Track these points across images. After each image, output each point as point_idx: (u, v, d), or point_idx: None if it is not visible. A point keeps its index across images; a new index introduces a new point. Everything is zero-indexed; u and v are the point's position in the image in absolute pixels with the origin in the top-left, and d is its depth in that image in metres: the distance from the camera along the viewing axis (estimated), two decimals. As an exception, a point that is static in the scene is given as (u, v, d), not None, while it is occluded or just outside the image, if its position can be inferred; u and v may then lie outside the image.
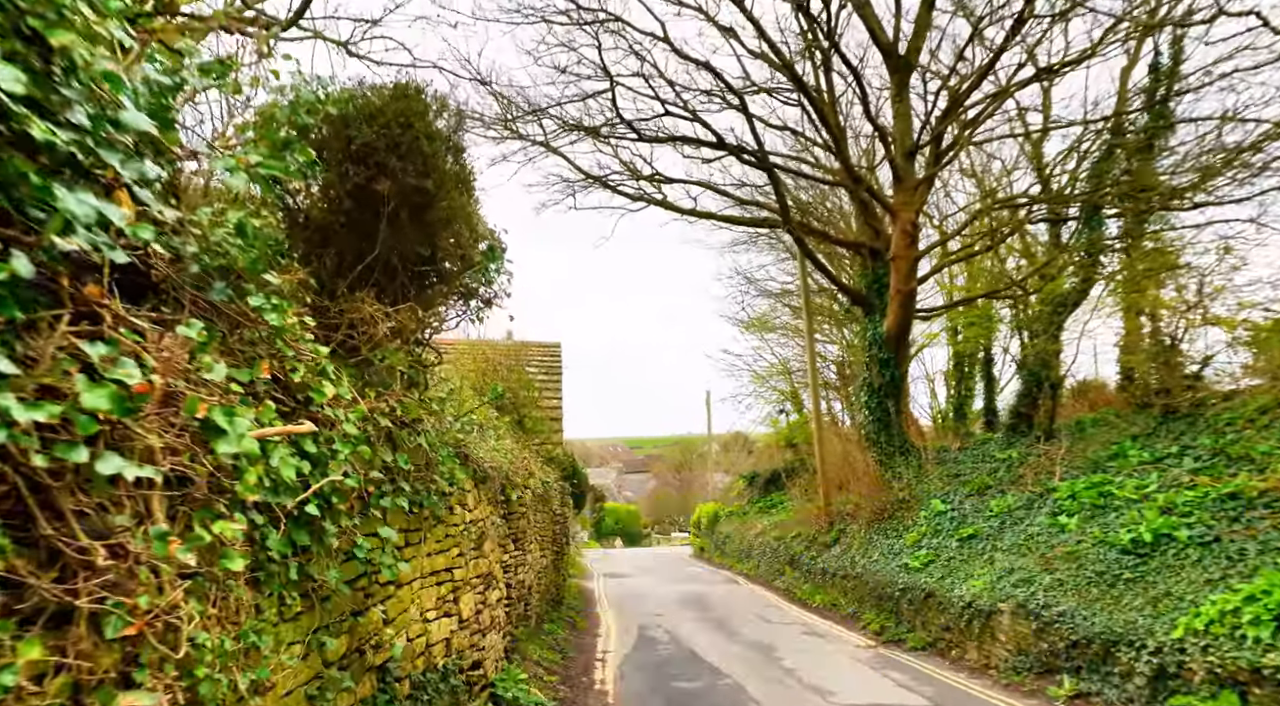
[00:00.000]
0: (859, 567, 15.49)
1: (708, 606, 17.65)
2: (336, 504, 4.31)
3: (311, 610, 4.30)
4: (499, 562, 8.60)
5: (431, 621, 6.05)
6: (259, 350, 3.62)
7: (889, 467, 16.58)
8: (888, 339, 16.61)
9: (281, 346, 3.83)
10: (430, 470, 5.89)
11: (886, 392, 16.78)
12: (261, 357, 3.61)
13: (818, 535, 19.41)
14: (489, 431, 10.45)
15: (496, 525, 8.64)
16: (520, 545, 10.14)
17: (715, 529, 34.38)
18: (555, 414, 18.45)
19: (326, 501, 4.23)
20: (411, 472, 5.62)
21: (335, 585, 4.45)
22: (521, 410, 15.49)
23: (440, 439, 6.11)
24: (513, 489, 9.70)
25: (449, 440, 6.44)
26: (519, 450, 11.22)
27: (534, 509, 11.83)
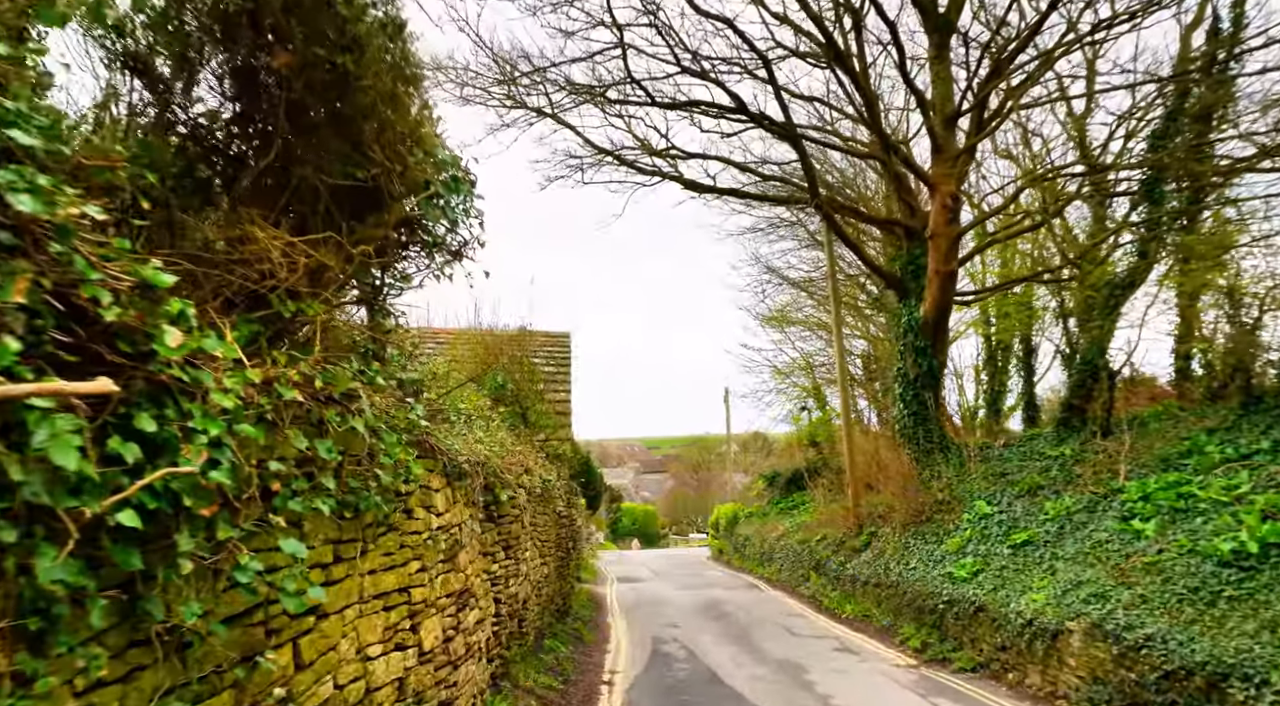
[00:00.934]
0: (894, 575, 13.97)
1: (728, 616, 16.18)
2: (193, 507, 2.92)
3: (157, 664, 2.91)
4: (482, 575, 7.20)
5: (375, 658, 4.65)
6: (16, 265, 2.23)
7: (926, 466, 15.03)
8: (925, 325, 15.07)
9: (76, 262, 2.44)
10: (373, 463, 4.49)
11: (923, 384, 15.24)
12: (21, 272, 2.23)
13: (846, 538, 17.89)
14: (477, 421, 9.07)
15: (478, 531, 7.24)
16: (513, 553, 8.74)
17: (734, 530, 32.87)
18: (563, 408, 17.05)
19: (175, 504, 2.85)
20: (342, 465, 4.24)
21: (201, 625, 3.08)
22: (525, 402, 14.11)
23: (387, 422, 4.71)
24: (502, 488, 8.30)
25: (403, 425, 5.04)
26: (515, 444, 9.83)
27: (532, 510, 10.43)
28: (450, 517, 6.17)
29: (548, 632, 11.61)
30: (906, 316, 15.32)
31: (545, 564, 11.42)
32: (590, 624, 14.46)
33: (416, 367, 7.42)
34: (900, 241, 15.67)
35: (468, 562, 6.53)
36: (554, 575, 12.52)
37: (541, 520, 11.11)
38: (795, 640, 13.30)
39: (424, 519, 5.57)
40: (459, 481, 6.47)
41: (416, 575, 5.32)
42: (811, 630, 14.38)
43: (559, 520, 13.22)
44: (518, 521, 8.83)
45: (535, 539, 10.72)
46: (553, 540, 12.28)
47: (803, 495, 30.53)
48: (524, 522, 9.05)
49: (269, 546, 3.59)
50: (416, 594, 5.28)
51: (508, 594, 8.50)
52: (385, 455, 4.50)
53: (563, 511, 13.38)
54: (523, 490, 9.17)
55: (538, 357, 17.86)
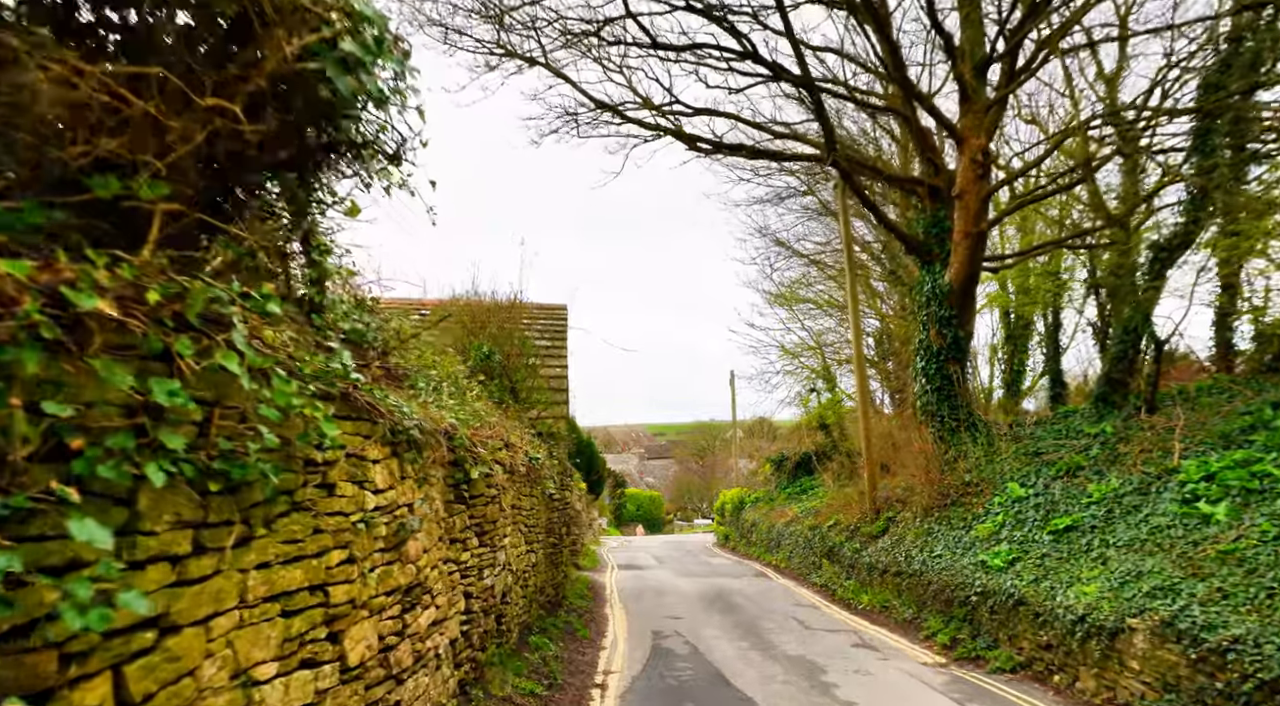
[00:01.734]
0: (916, 564, 12.73)
1: (734, 607, 14.99)
2: None
3: None
4: (443, 567, 5.98)
5: (268, 681, 3.43)
6: None
7: (951, 446, 13.76)
8: (950, 292, 13.75)
9: None
10: (255, 415, 3.25)
11: (948, 356, 13.95)
12: None
13: (860, 524, 16.67)
14: (448, 389, 7.83)
15: (441, 514, 6.02)
16: (489, 539, 7.52)
17: (740, 516, 31.71)
18: (559, 384, 15.81)
19: None
20: (210, 420, 3.00)
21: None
22: (514, 375, 12.87)
23: (285, 366, 3.46)
24: (475, 464, 7.07)
25: (313, 372, 3.79)
26: (492, 414, 8.59)
27: (515, 492, 9.21)
28: (395, 496, 4.93)
29: (535, 627, 10.41)
30: (930, 283, 14.01)
31: (533, 551, 10.21)
32: (586, 616, 13.27)
33: (372, 320, 6.22)
34: (923, 203, 14.34)
35: (420, 552, 5.30)
36: (544, 563, 11.32)
37: (528, 503, 9.89)
38: (809, 634, 12.10)
39: (354, 496, 4.34)
40: (410, 453, 5.23)
41: (339, 569, 4.09)
42: (826, 623, 13.17)
43: (550, 503, 12.01)
44: (494, 503, 7.60)
45: (520, 523, 9.51)
46: (542, 525, 11.07)
47: (811, 480, 29.34)
48: (503, 505, 7.83)
49: (55, 532, 2.37)
50: (338, 593, 4.05)
51: (481, 587, 7.28)
52: (271, 407, 3.25)
53: (554, 494, 12.18)
54: (500, 467, 7.94)
55: (531, 331, 16.63)
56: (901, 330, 24.57)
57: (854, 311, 16.04)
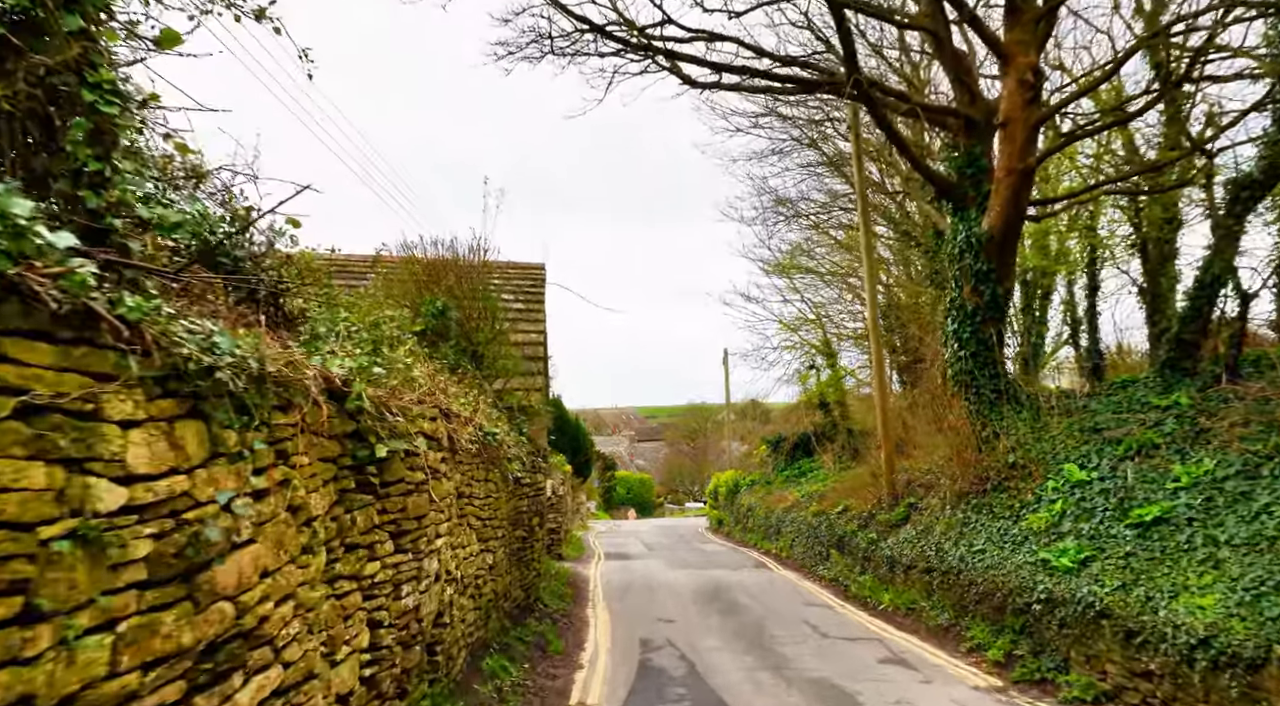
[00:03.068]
0: (952, 559, 10.69)
1: (735, 606, 12.93)
2: None
3: None
4: (304, 594, 3.80)
5: None
6: None
7: (989, 421, 11.67)
8: (989, 242, 11.61)
9: None
10: None
11: (985, 317, 11.83)
12: None
13: (876, 511, 14.63)
14: (362, 338, 5.66)
15: (313, 511, 3.87)
16: (412, 543, 5.37)
17: (735, 500, 29.74)
18: (535, 352, 13.65)
19: None
20: None
21: None
22: (475, 337, 10.70)
23: None
24: (389, 438, 4.93)
25: None
26: (440, 379, 6.41)
27: (465, 475, 7.07)
28: (183, 486, 2.78)
29: (495, 644, 8.29)
30: (963, 232, 11.87)
31: (489, 550, 8.07)
32: (562, 622, 11.17)
33: (195, 204, 4.09)
34: (956, 139, 12.18)
35: (250, 578, 3.15)
36: (506, 563, 9.19)
37: (482, 489, 7.74)
38: (827, 645, 10.05)
39: (45, 491, 2.19)
40: (224, 413, 3.07)
41: None
42: (844, 628, 11.13)
43: (517, 489, 9.87)
44: (419, 492, 5.45)
45: (470, 516, 7.37)
46: (504, 516, 8.92)
47: (810, 462, 27.37)
48: (435, 495, 5.68)
49: None
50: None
51: (398, 610, 5.15)
52: None
53: (523, 478, 10.05)
54: (432, 444, 5.79)
55: (504, 293, 14.46)
56: (911, 300, 22.47)
57: (868, 263, 13.92)
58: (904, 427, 17.51)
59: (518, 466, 9.30)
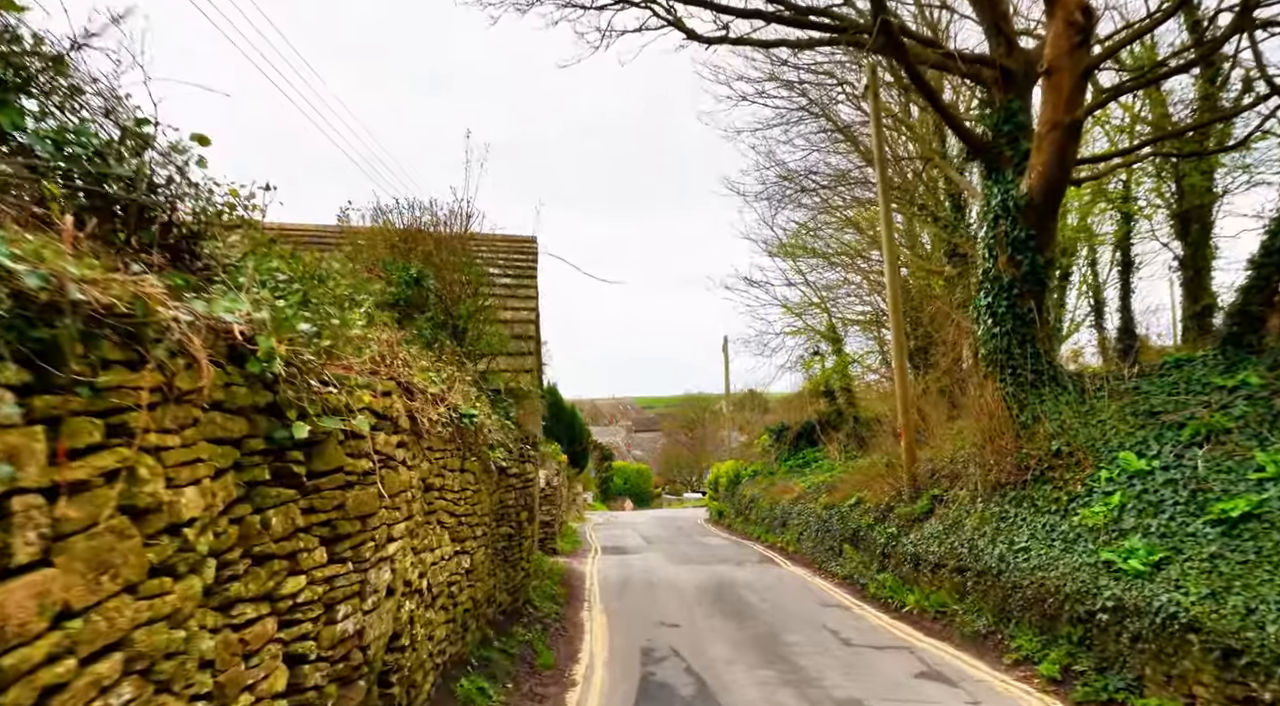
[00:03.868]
0: (989, 559, 9.51)
1: (744, 607, 11.75)
2: None
3: None
4: (146, 634, 2.58)
5: None
6: None
7: (1027, 404, 10.46)
8: (1028, 205, 10.38)
9: None
10: None
11: (1023, 289, 10.61)
12: None
13: (894, 504, 13.45)
14: (293, 289, 4.44)
15: (200, 509, 2.64)
16: (352, 549, 4.15)
17: (737, 491, 28.59)
18: (525, 330, 12.42)
19: None
20: None
21: None
22: (456, 310, 9.46)
23: None
24: (310, 416, 3.71)
25: None
26: (385, 339, 5.17)
27: (434, 465, 5.85)
28: None
29: (473, 660, 7.08)
30: (999, 196, 10.63)
31: (466, 552, 6.86)
32: (554, 628, 9.97)
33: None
34: (990, 92, 10.92)
35: (34, 620, 1.93)
36: (489, 565, 7.97)
37: (456, 481, 6.52)
38: (852, 655, 8.86)
39: None
40: None
41: None
42: (867, 633, 9.95)
43: (501, 481, 8.65)
44: (364, 485, 4.22)
45: (442, 512, 6.15)
46: (485, 510, 7.69)
47: (815, 451, 26.21)
48: (386, 488, 4.46)
49: None
50: None
51: (331, 638, 3.92)
52: None
53: (509, 467, 8.83)
54: (384, 424, 4.56)
55: (492, 267, 13.22)
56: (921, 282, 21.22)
57: (888, 234, 12.69)
58: (918, 415, 16.34)
59: (502, 454, 8.07)
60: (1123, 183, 14.47)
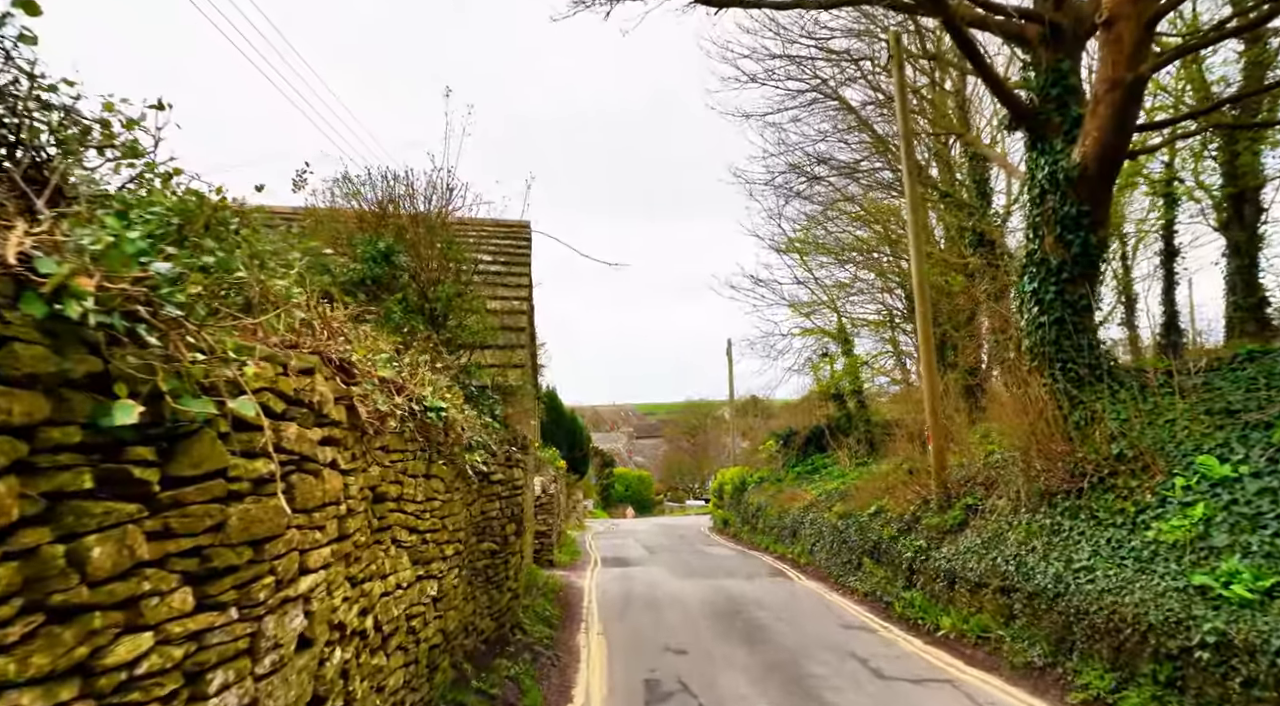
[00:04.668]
0: (1042, 578, 8.24)
1: (758, 630, 10.48)
2: None
3: None
4: None
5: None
6: None
7: (1079, 402, 9.22)
8: (1081, 177, 9.16)
9: None
10: None
11: (1073, 274, 9.38)
12: None
13: (921, 514, 12.20)
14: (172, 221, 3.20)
15: None
16: (232, 594, 2.90)
17: (743, 499, 27.31)
18: (516, 321, 11.19)
19: None
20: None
21: None
22: (433, 292, 8.23)
23: None
24: (188, 396, 2.47)
25: None
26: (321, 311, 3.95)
27: (388, 468, 4.60)
28: None
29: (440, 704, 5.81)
30: (1045, 168, 9.41)
31: (433, 577, 5.60)
32: (545, 657, 8.69)
33: None
34: (1035, 52, 9.70)
35: None
36: (465, 589, 6.71)
37: (419, 490, 5.27)
38: (886, 691, 7.59)
39: None
40: None
41: None
42: (901, 662, 8.68)
43: (483, 489, 7.40)
44: (261, 496, 2.99)
45: (399, 529, 4.90)
46: (458, 526, 6.42)
47: (824, 457, 24.95)
48: (299, 500, 3.23)
49: None
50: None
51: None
52: None
53: (492, 473, 7.58)
54: (309, 413, 3.33)
55: (481, 253, 12.02)
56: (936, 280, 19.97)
57: (914, 220, 11.46)
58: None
59: (483, 457, 6.83)
60: (1164, 164, 13.27)
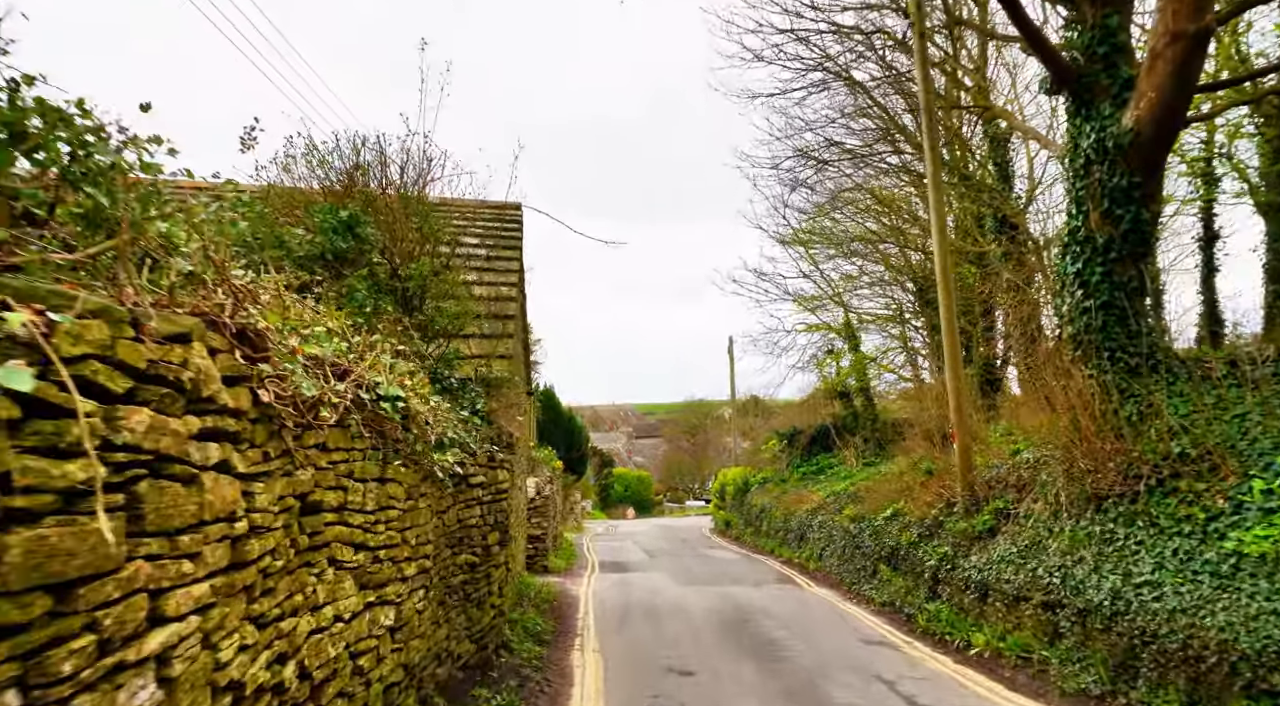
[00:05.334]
0: (1095, 593, 7.22)
1: (771, 645, 9.46)
2: None
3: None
4: None
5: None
6: None
7: (1131, 395, 8.21)
8: (1133, 144, 8.15)
9: None
10: None
11: (1123, 252, 8.38)
12: None
13: (943, 518, 11.20)
14: None
15: None
16: (15, 673, 1.88)
17: (746, 500, 26.33)
18: (503, 309, 10.17)
19: None
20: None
21: None
22: (403, 269, 7.22)
23: None
24: None
25: None
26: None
27: (329, 469, 3.59)
28: None
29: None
30: (1093, 135, 8.39)
31: (386, 605, 4.55)
32: (533, 682, 7.65)
33: None
34: (1081, 8, 8.66)
35: None
36: (434, 613, 5.67)
37: (371, 496, 4.25)
38: (926, 724, 6.58)
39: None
40: None
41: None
42: (934, 687, 7.66)
43: (458, 494, 6.38)
44: (73, 520, 1.98)
45: (340, 548, 3.89)
46: (424, 539, 5.35)
47: (830, 457, 23.97)
48: (152, 521, 2.24)
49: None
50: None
51: None
52: None
53: (472, 474, 6.55)
54: (164, 393, 2.30)
55: (468, 235, 11.02)
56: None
57: (935, 197, 10.46)
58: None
59: (456, 457, 5.81)
60: (1201, 141, 12.26)
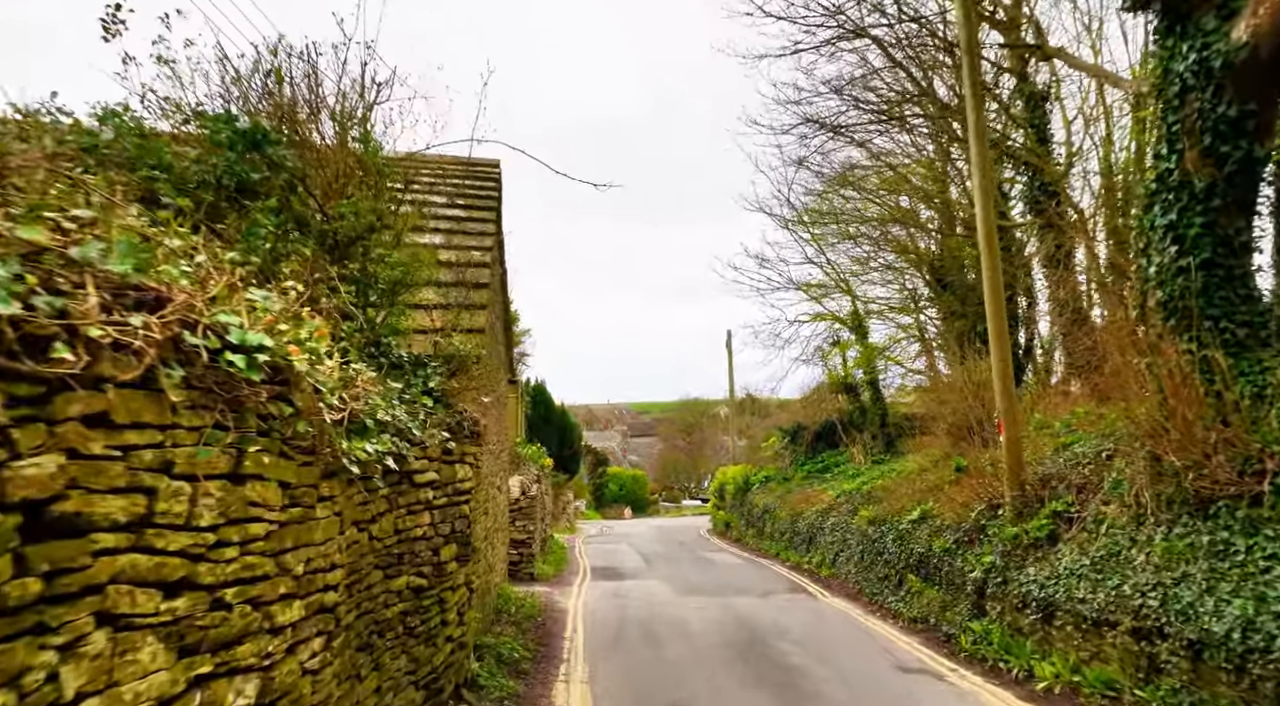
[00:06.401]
0: (1214, 622, 5.61)
1: (789, 672, 7.83)
2: None
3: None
4: None
5: None
6: None
7: (1241, 374, 6.61)
8: (1246, 65, 6.54)
9: None
10: None
11: (1228, 199, 6.78)
12: None
13: (985, 522, 9.61)
14: None
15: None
16: None
17: (747, 500, 24.71)
18: (477, 276, 8.51)
19: None
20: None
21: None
22: (331, 206, 5.56)
23: None
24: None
25: None
26: None
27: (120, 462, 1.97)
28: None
29: None
30: (1193, 56, 6.73)
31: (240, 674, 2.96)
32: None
33: None
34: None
35: None
36: (350, 663, 4.01)
37: (206, 503, 2.66)
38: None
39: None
40: None
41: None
42: (1005, 738, 6.07)
43: (395, 497, 4.70)
44: None
45: (127, 590, 2.28)
46: (325, 566, 3.61)
47: (836, 454, 22.40)
48: None
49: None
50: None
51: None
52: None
53: (416, 469, 4.90)
54: None
55: (436, 196, 9.38)
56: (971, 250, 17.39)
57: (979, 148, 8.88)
58: (983, 407, 12.57)
59: (387, 446, 4.17)
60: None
